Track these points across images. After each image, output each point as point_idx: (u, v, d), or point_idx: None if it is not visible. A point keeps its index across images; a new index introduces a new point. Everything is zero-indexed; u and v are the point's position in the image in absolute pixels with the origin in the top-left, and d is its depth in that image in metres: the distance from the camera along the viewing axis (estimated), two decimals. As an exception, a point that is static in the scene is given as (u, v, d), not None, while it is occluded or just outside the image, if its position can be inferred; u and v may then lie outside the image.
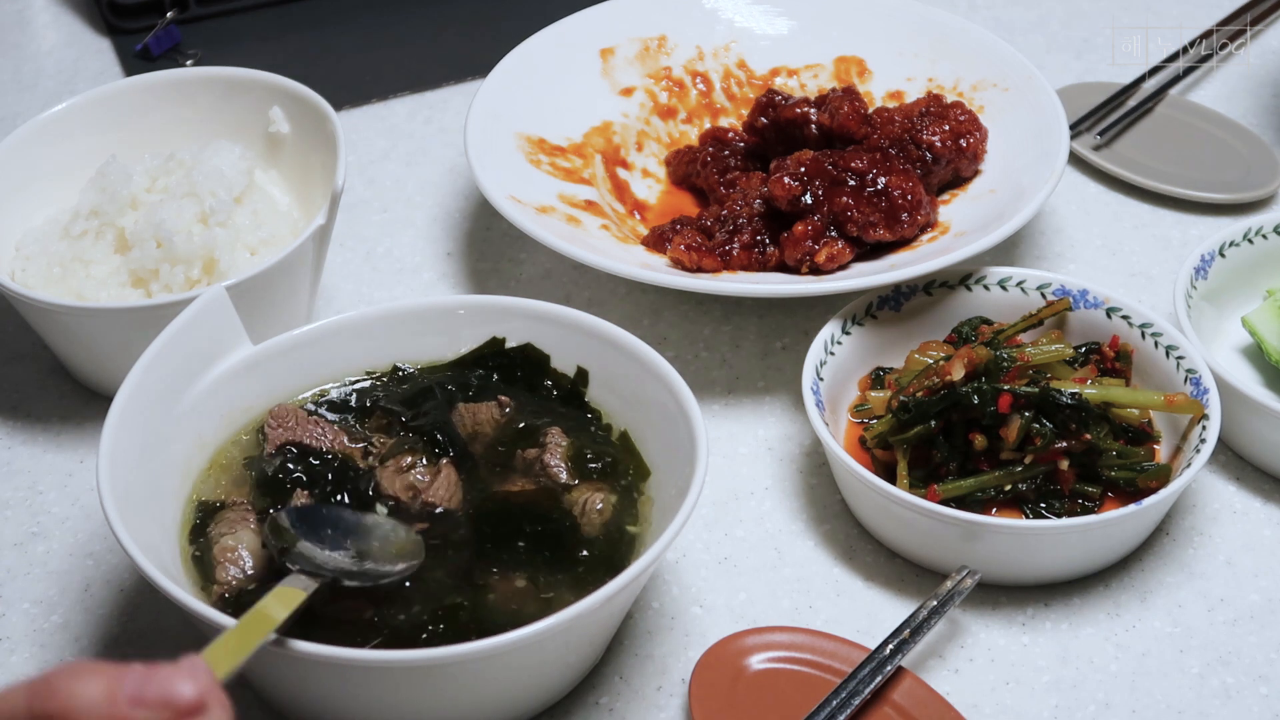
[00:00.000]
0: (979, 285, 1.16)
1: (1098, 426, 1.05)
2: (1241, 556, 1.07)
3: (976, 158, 1.28)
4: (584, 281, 1.28)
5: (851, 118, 1.27)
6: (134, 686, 0.64)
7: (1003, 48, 1.37)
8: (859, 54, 1.41)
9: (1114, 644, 1.02)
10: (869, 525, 1.08)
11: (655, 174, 1.36)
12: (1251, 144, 1.40)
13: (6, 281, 1.12)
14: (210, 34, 1.57)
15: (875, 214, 1.19)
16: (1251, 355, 1.18)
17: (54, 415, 1.18)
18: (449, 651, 0.86)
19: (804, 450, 1.14)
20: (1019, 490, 1.05)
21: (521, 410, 1.06)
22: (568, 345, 1.07)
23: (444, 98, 1.50)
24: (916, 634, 0.97)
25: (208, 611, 0.86)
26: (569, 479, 1.02)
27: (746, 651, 0.98)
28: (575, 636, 0.93)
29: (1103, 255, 1.31)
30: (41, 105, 1.31)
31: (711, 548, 1.07)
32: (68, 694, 0.63)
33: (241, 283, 1.08)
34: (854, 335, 1.14)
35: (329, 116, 1.23)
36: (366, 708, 0.91)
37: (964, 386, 1.04)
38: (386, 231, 1.35)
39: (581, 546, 0.98)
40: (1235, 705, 0.98)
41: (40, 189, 1.23)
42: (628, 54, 1.40)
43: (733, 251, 1.20)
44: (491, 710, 0.94)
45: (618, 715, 0.98)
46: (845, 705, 0.94)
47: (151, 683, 0.65)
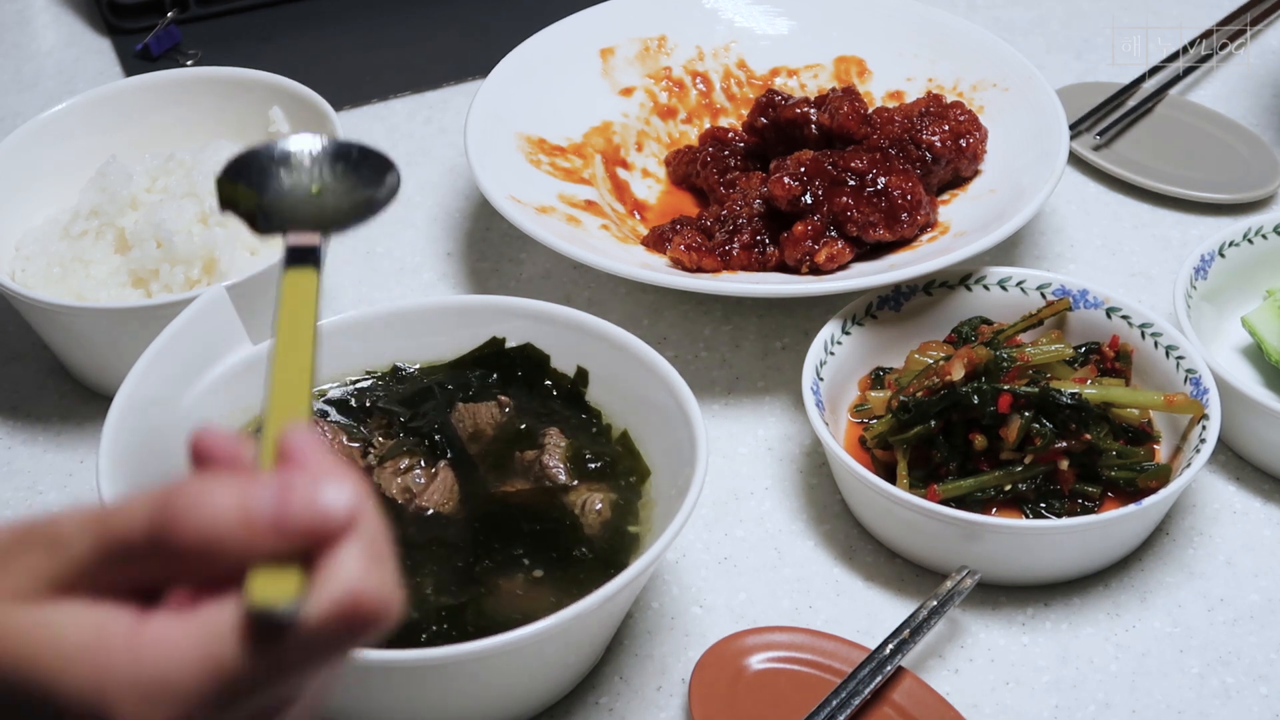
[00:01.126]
0: (979, 285, 1.16)
1: (1098, 426, 1.05)
2: (1241, 556, 1.07)
3: (976, 158, 1.28)
4: (584, 281, 1.28)
5: (851, 118, 1.27)
6: (273, 506, 0.54)
7: (1003, 48, 1.37)
8: (859, 54, 1.41)
9: (1114, 644, 1.02)
10: (869, 525, 1.08)
11: (655, 174, 1.36)
12: (1251, 144, 1.40)
13: (6, 281, 1.12)
14: (210, 34, 1.57)
15: (875, 214, 1.19)
16: (1251, 355, 1.18)
17: (54, 415, 1.18)
18: (449, 651, 0.86)
19: (804, 450, 1.14)
20: (1019, 490, 1.05)
21: (521, 410, 1.06)
22: (568, 345, 1.07)
23: (444, 98, 1.50)
24: (916, 634, 0.97)
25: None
26: (568, 479, 1.02)
27: (746, 651, 0.98)
28: (575, 636, 0.93)
29: (1103, 255, 1.31)
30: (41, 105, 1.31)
31: (711, 548, 1.07)
32: (195, 519, 0.54)
33: (241, 283, 1.08)
34: (854, 335, 1.14)
35: (329, 116, 1.23)
36: (366, 707, 0.91)
37: (964, 386, 1.04)
38: (386, 231, 1.35)
39: (581, 546, 0.98)
40: (1235, 705, 0.98)
41: (40, 189, 1.23)
42: (628, 54, 1.40)
43: (733, 251, 1.20)
44: (491, 710, 0.94)
45: (618, 715, 0.98)
46: (845, 705, 0.94)
47: (293, 500, 0.54)
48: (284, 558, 0.55)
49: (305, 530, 0.54)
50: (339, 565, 0.55)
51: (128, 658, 0.54)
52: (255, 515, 0.54)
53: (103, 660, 0.54)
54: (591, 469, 1.02)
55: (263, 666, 0.54)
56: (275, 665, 0.55)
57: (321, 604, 0.54)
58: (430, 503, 1.00)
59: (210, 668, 0.54)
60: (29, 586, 0.55)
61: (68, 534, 0.56)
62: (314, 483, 0.55)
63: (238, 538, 0.54)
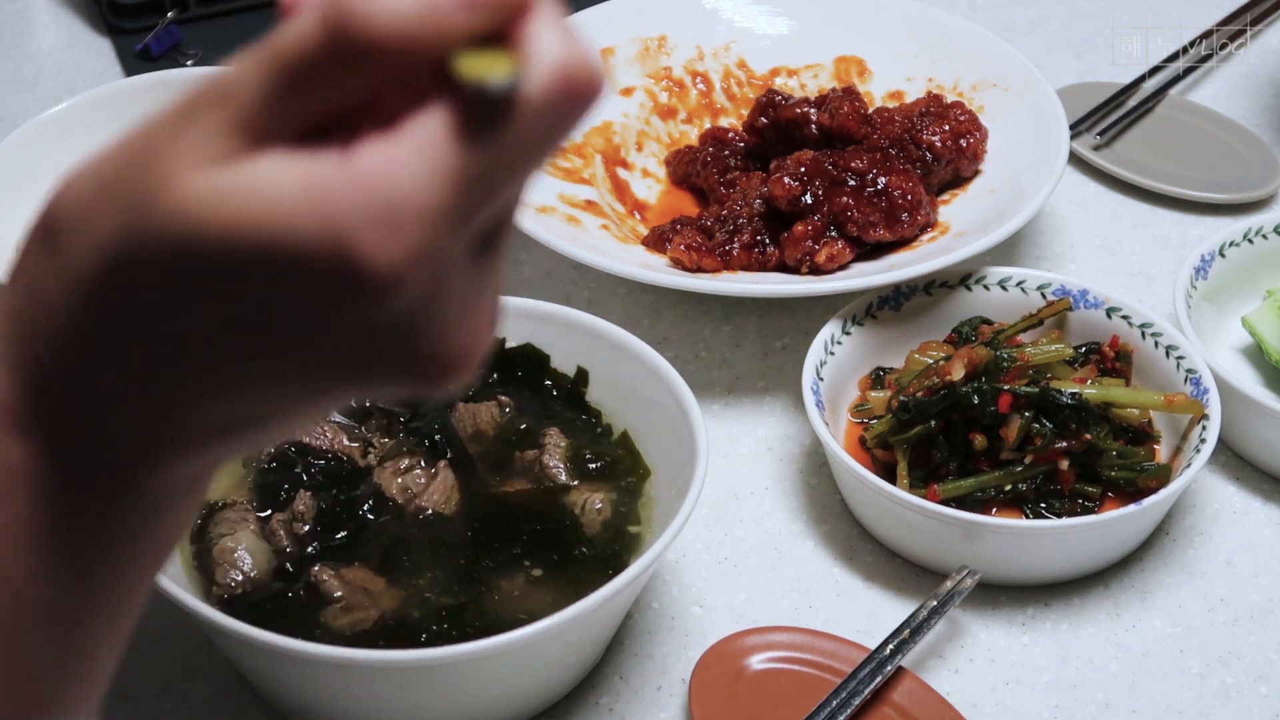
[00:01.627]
0: (979, 285, 1.16)
1: (1098, 426, 1.05)
2: (1241, 556, 1.07)
3: (976, 158, 1.28)
4: (584, 281, 1.28)
5: (851, 118, 1.27)
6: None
7: (1003, 48, 1.37)
8: (859, 54, 1.41)
9: (1114, 644, 1.02)
10: (869, 525, 1.08)
11: (655, 174, 1.36)
12: (1251, 144, 1.40)
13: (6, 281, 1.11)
14: (210, 34, 1.57)
15: (875, 214, 1.19)
16: (1251, 355, 1.18)
17: (54, 415, 1.18)
18: (449, 651, 0.85)
19: (804, 450, 1.14)
20: (1019, 490, 1.05)
21: (521, 410, 1.06)
22: (568, 345, 1.07)
23: (444, 98, 1.49)
24: (916, 634, 0.97)
25: (210, 613, 0.86)
26: (568, 479, 1.02)
27: (746, 651, 0.98)
28: (575, 636, 0.93)
29: (1103, 255, 1.31)
30: (41, 105, 1.30)
31: (711, 548, 1.07)
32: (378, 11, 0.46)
33: (241, 283, 1.08)
34: (854, 335, 1.14)
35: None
36: (366, 708, 0.91)
37: (964, 386, 1.04)
38: (386, 231, 1.34)
39: (581, 546, 0.98)
40: (1235, 705, 0.98)
41: (40, 189, 1.21)
42: (628, 54, 1.40)
43: (733, 251, 1.20)
44: (491, 710, 0.94)
45: (618, 715, 0.98)
46: (845, 705, 0.94)
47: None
48: (481, 41, 0.48)
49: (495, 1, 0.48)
50: (542, 38, 0.48)
51: (351, 189, 0.47)
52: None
53: (325, 200, 0.47)
54: (591, 469, 1.02)
55: (491, 159, 0.48)
56: (504, 156, 0.49)
57: (541, 76, 0.48)
58: (430, 503, 1.00)
59: (442, 175, 0.48)
60: (214, 148, 0.48)
61: (237, 78, 0.48)
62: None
63: (426, 20, 0.47)
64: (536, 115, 0.48)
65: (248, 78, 0.48)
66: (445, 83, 0.48)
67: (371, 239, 0.47)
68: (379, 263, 0.47)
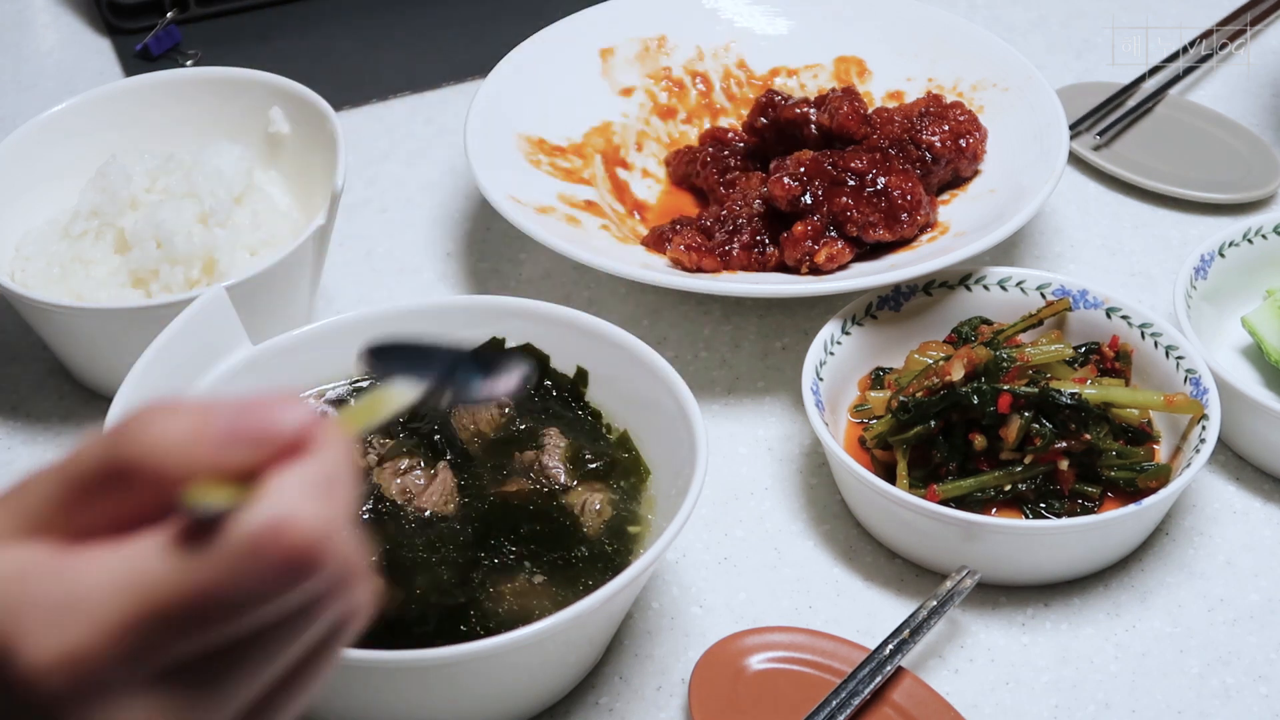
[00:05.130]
0: (979, 285, 1.16)
1: (1097, 426, 1.05)
2: (1241, 556, 1.07)
3: (976, 158, 1.28)
4: (584, 281, 1.28)
5: (851, 118, 1.27)
6: (225, 422, 0.52)
7: (1003, 48, 1.37)
8: (859, 54, 1.41)
9: (1114, 644, 1.02)
10: (869, 525, 1.08)
11: (655, 174, 1.36)
12: (1251, 144, 1.40)
13: (6, 282, 1.12)
14: (210, 34, 1.57)
15: (875, 214, 1.19)
16: (1251, 355, 1.18)
17: (54, 415, 1.18)
18: (449, 651, 0.86)
19: (804, 450, 1.14)
20: (1019, 490, 1.05)
21: (521, 411, 1.06)
22: (568, 345, 1.07)
23: (444, 98, 1.50)
24: (916, 634, 0.97)
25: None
26: (568, 479, 1.02)
27: (746, 651, 0.98)
28: (575, 636, 0.93)
29: (1103, 255, 1.31)
30: (41, 105, 1.30)
31: (711, 548, 1.07)
32: (148, 438, 0.51)
33: (241, 283, 1.08)
34: (854, 335, 1.14)
35: (329, 116, 1.23)
36: (366, 707, 0.91)
37: (964, 386, 1.04)
38: (386, 231, 1.35)
39: (581, 547, 0.98)
40: (1235, 705, 0.98)
41: (40, 189, 1.23)
42: (628, 54, 1.40)
43: (733, 251, 1.20)
44: (491, 710, 0.94)
45: (618, 715, 0.98)
46: (845, 705, 0.94)
47: (245, 416, 0.52)
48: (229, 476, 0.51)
49: (251, 439, 0.52)
50: (281, 490, 0.51)
51: (46, 583, 0.50)
52: (206, 430, 0.52)
53: (17, 588, 0.50)
54: (591, 469, 1.02)
55: (193, 583, 0.50)
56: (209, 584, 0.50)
57: (251, 520, 0.50)
58: (430, 503, 1.00)
59: (130, 582, 0.50)
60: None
61: (31, 483, 0.53)
62: (270, 404, 0.53)
63: (184, 450, 0.51)
64: (236, 553, 0.50)
65: (40, 484, 0.53)
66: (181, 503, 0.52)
67: (38, 631, 0.50)
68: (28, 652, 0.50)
